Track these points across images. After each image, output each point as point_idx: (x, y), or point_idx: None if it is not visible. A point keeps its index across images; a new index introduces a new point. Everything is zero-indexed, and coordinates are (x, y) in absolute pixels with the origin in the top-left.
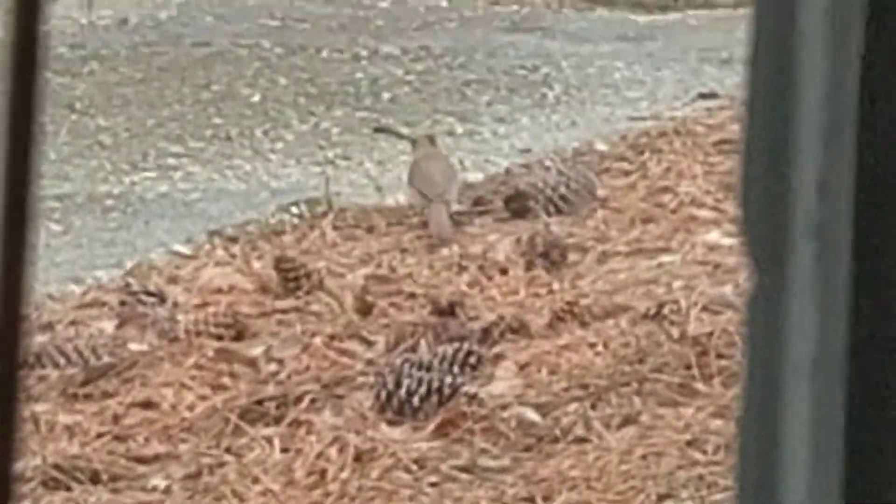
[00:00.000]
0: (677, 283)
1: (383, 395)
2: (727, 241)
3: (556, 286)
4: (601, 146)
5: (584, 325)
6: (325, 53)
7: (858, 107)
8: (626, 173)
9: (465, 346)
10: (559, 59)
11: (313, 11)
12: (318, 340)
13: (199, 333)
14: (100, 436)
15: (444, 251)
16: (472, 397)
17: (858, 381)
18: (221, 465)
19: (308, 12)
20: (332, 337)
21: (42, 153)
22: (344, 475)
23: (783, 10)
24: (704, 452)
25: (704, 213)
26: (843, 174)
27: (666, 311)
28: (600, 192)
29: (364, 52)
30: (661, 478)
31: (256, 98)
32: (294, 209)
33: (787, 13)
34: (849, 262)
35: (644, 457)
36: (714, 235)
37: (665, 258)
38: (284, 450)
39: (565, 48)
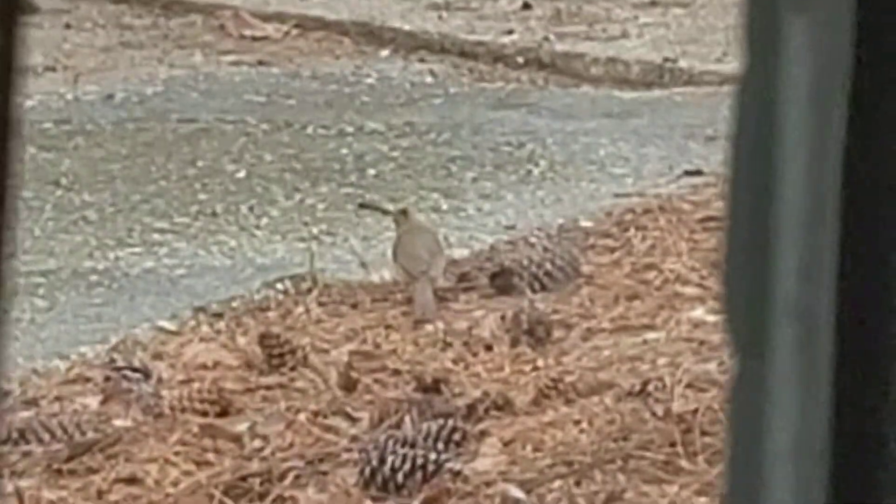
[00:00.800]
0: (662, 360)
1: (367, 471)
2: (711, 318)
3: (540, 363)
4: (586, 223)
5: (568, 401)
6: (310, 129)
7: (841, 189)
8: (611, 250)
9: (450, 422)
10: (545, 135)
11: (299, 87)
12: (302, 417)
13: (183, 409)
14: None
15: (429, 327)
16: (457, 474)
17: (842, 466)
18: None
19: (293, 88)
20: (316, 413)
21: (26, 229)
22: None
23: (766, 88)
24: None
25: (689, 290)
26: (826, 256)
27: (650, 388)
28: (585, 269)
29: (349, 129)
30: None
31: (242, 174)
32: (279, 285)
33: (770, 91)
34: (831, 346)
35: None
36: (699, 312)
37: (650, 335)
38: None
39: (551, 125)
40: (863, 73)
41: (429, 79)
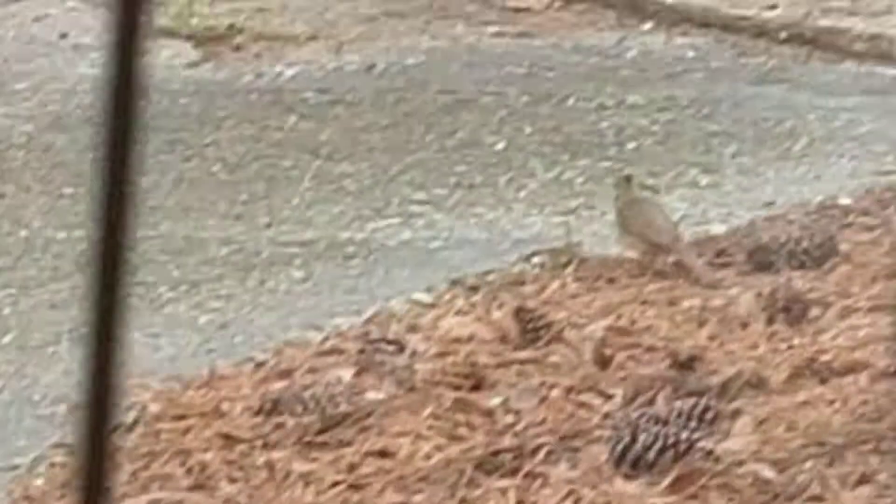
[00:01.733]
0: None
1: (619, 448)
2: None
3: (796, 341)
4: (845, 200)
5: (823, 381)
6: (570, 102)
7: None
8: (870, 228)
9: (703, 401)
10: (805, 111)
11: (560, 60)
12: (555, 392)
13: (437, 383)
14: (335, 484)
15: (685, 304)
16: (708, 453)
17: None
18: None
19: (555, 61)
20: (569, 389)
21: (284, 198)
22: None
23: None
24: None
25: None
26: None
27: None
28: (843, 247)
29: (610, 102)
30: None
31: (501, 146)
32: (535, 259)
33: None
34: None
35: None
36: None
37: None
38: (519, 502)
39: (812, 101)
40: None
41: (690, 53)
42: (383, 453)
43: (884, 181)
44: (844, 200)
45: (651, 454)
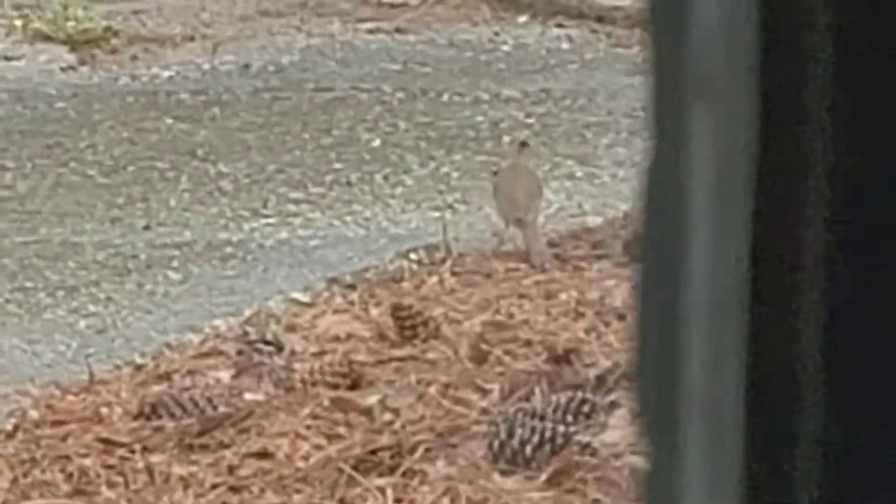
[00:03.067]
0: None
1: (496, 444)
2: None
3: None
4: None
5: None
6: (446, 97)
7: (749, 278)
8: None
9: (580, 394)
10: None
11: (435, 55)
12: (433, 389)
13: (315, 383)
14: (214, 487)
15: (563, 296)
16: (585, 446)
17: None
18: None
19: (429, 56)
20: (447, 386)
21: (161, 200)
22: None
23: (673, 171)
24: None
25: None
26: (733, 346)
27: None
28: None
29: (485, 96)
30: None
31: (377, 143)
32: (413, 255)
33: (677, 176)
34: (741, 441)
35: None
36: None
37: None
38: (398, 500)
39: None
40: (767, 158)
41: (565, 45)
42: (263, 454)
43: None
44: None
45: (528, 449)
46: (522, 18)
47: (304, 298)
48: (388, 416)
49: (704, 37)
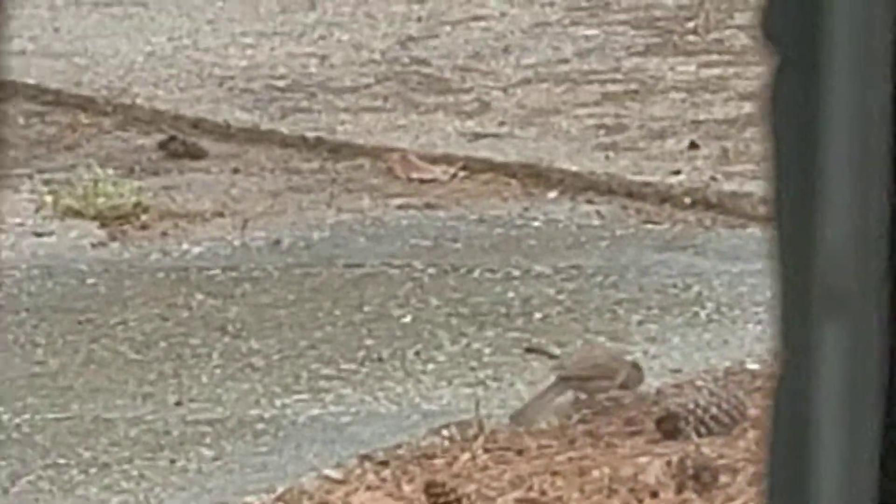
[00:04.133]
0: None
1: None
2: None
3: None
4: (753, 365)
5: None
6: (476, 273)
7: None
8: None
9: None
10: (711, 276)
11: (465, 231)
12: None
13: None
14: None
15: (595, 473)
16: None
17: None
18: None
19: (460, 232)
20: None
21: (193, 376)
22: None
23: (801, 388)
24: None
25: None
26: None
27: None
28: (752, 412)
29: (516, 272)
30: None
31: (408, 319)
32: (445, 432)
33: (805, 393)
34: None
35: None
36: None
37: None
38: None
39: (717, 266)
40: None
41: (595, 220)
42: None
43: None
44: (752, 365)
45: None
46: (552, 194)
47: (337, 475)
48: None
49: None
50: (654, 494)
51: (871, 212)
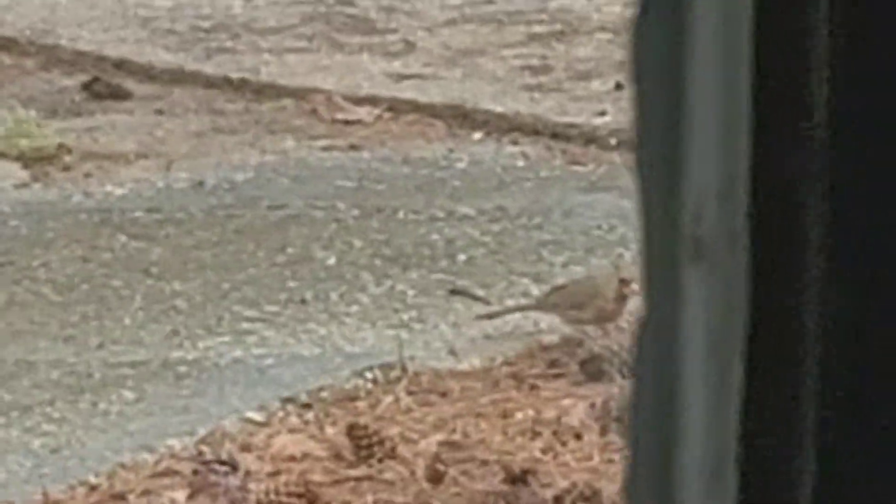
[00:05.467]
0: None
1: None
2: None
3: None
4: None
5: None
6: (401, 214)
7: (741, 438)
8: None
9: None
10: (635, 218)
11: (389, 172)
12: None
13: (270, 503)
14: None
15: (519, 415)
16: None
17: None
18: None
19: (384, 173)
20: None
21: (115, 318)
22: None
23: (666, 333)
24: None
25: None
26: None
27: None
28: None
29: (440, 214)
30: None
31: (332, 261)
32: (368, 374)
33: (670, 337)
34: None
35: None
36: None
37: None
38: None
39: None
40: (759, 322)
41: (520, 162)
42: None
43: None
44: None
45: None
46: (477, 135)
47: (259, 418)
48: None
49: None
50: (578, 436)
51: (737, 158)
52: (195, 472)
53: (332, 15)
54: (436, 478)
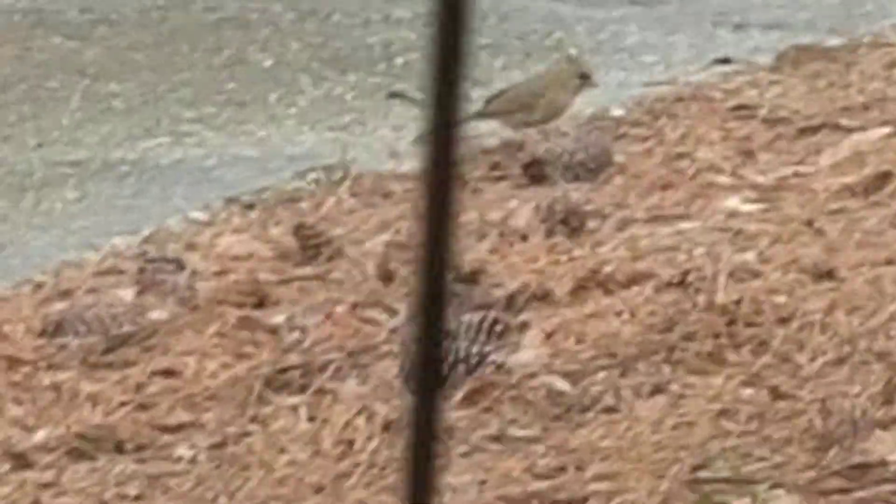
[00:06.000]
0: (698, 251)
1: (409, 363)
2: (746, 207)
3: (577, 253)
4: (617, 111)
5: (608, 292)
6: (336, 17)
7: None
8: (643, 139)
9: (491, 314)
10: (572, 23)
11: None
12: (340, 308)
13: (220, 301)
14: (123, 405)
15: (463, 217)
16: (500, 366)
17: None
18: (247, 434)
19: None
20: (354, 305)
21: (53, 119)
22: (372, 445)
23: None
24: (737, 422)
25: (722, 179)
26: None
27: (690, 278)
28: (617, 158)
29: (376, 16)
30: (694, 448)
31: (269, 63)
32: (311, 175)
33: None
34: None
35: (676, 427)
36: (733, 201)
37: (684, 224)
38: (311, 419)
39: (578, 12)
40: None
41: None
42: (169, 372)
43: (654, 92)
44: (616, 111)
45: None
46: None
47: (203, 217)
48: (296, 336)
49: None
50: (524, 237)
51: None
52: (141, 271)
53: None
54: (386, 277)
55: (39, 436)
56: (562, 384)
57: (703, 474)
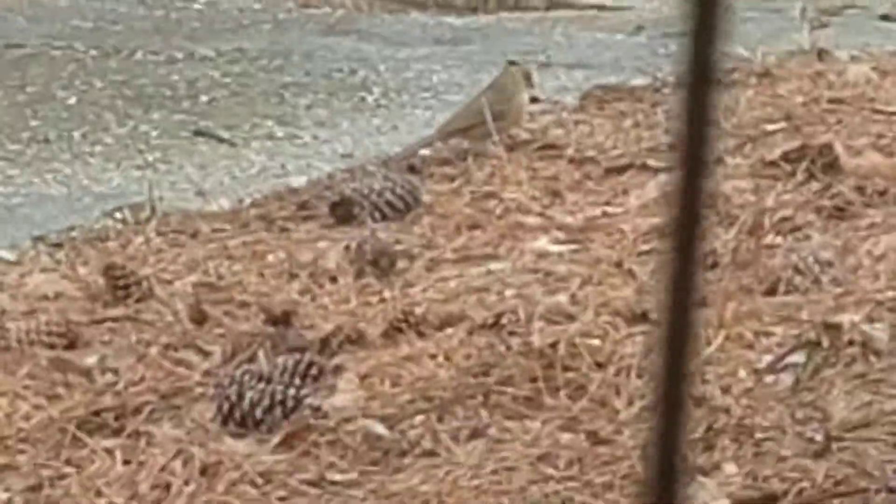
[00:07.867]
0: (509, 292)
1: (225, 406)
2: (555, 248)
3: (387, 294)
4: (424, 151)
5: (421, 334)
6: (139, 55)
7: None
8: (451, 178)
9: (305, 356)
10: (376, 62)
11: (125, 13)
12: (153, 350)
13: (31, 342)
14: None
15: (271, 258)
16: (316, 409)
17: None
18: (62, 477)
19: (120, 14)
20: (166, 346)
21: None
22: (189, 489)
23: None
24: (556, 468)
25: (531, 220)
26: None
27: (504, 320)
28: (425, 198)
29: (179, 55)
30: (515, 493)
31: (73, 100)
32: (118, 214)
33: None
34: None
35: (495, 471)
36: (542, 242)
37: (494, 265)
38: (126, 462)
39: (382, 51)
40: None
41: (256, 5)
42: None
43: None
44: (423, 151)
45: (259, 411)
46: None
47: (10, 256)
48: (108, 377)
49: None
50: (334, 279)
51: None
52: None
53: None
54: (198, 319)
55: None
56: (379, 428)
57: None
